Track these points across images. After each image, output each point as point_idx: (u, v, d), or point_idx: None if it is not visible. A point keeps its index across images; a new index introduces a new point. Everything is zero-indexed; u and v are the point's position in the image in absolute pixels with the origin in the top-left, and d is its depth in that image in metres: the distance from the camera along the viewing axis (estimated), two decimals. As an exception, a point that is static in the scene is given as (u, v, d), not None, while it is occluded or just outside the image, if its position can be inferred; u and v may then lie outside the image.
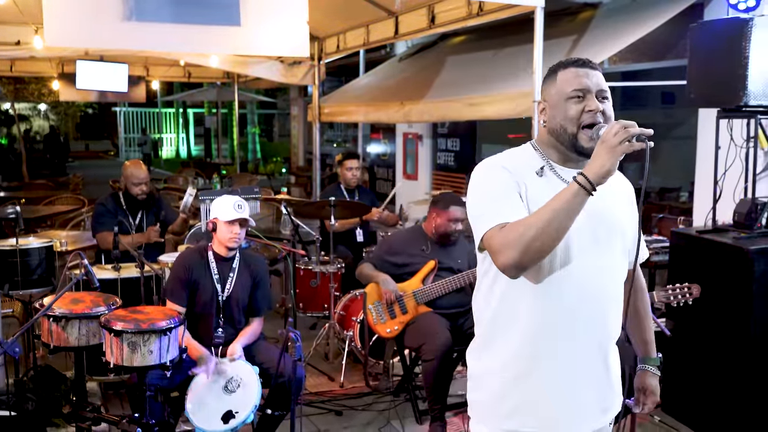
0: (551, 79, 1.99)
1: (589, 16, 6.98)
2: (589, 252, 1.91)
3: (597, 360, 1.99)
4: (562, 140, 1.93)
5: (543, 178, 1.94)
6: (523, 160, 1.99)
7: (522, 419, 1.97)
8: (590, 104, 1.89)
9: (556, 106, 1.93)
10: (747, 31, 3.70)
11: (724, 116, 4.08)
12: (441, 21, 6.71)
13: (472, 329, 4.20)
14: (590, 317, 1.94)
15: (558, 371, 1.94)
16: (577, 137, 1.90)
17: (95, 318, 3.26)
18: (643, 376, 2.26)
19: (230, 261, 3.70)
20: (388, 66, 9.75)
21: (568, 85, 1.92)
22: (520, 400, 1.97)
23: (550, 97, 1.97)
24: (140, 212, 4.97)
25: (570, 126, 1.90)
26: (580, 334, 1.93)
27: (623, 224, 2.02)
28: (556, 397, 1.95)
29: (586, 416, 2.00)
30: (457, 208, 4.27)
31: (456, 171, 9.69)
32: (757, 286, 3.75)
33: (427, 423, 4.13)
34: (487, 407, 2.03)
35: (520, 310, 1.93)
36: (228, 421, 3.28)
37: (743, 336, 3.78)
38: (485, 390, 2.04)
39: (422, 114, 7.33)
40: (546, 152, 2.00)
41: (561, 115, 1.92)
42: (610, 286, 1.98)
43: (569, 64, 1.97)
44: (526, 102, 5.35)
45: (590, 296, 1.93)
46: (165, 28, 4.47)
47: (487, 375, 2.03)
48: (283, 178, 15.90)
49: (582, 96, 1.90)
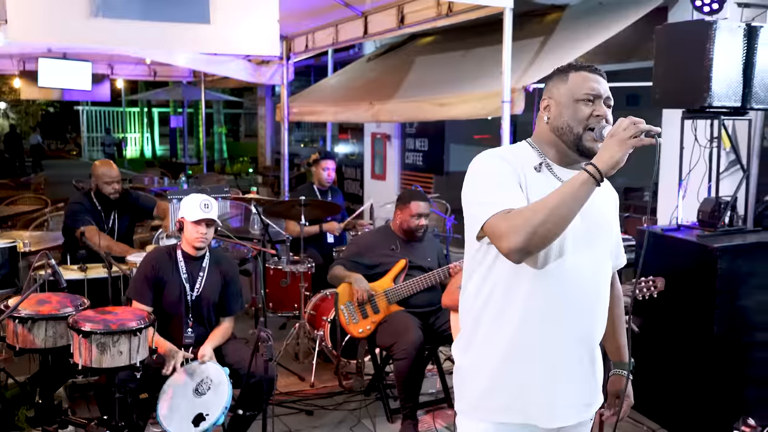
0: (561, 78, 2.03)
1: (556, 18, 7.06)
2: (582, 248, 1.96)
3: (584, 355, 2.04)
4: (566, 139, 1.99)
5: (541, 174, 1.98)
6: (522, 155, 2.03)
7: (510, 411, 2.00)
8: (599, 109, 1.97)
9: (564, 105, 1.99)
10: (711, 34, 3.78)
11: (689, 117, 4.15)
12: (410, 21, 6.72)
13: (443, 327, 4.26)
14: (580, 313, 1.99)
15: (547, 364, 1.97)
16: (582, 137, 1.96)
17: (62, 319, 3.20)
18: (617, 381, 2.31)
19: (200, 260, 3.66)
20: (356, 66, 9.75)
21: (580, 87, 1.98)
22: (510, 393, 1.99)
23: (560, 95, 2.01)
24: (113, 213, 4.91)
25: (577, 126, 1.97)
26: (570, 329, 1.98)
27: (611, 226, 2.12)
28: (545, 389, 1.98)
29: (571, 409, 2.04)
30: (418, 202, 4.29)
31: (424, 171, 9.71)
32: (721, 283, 3.83)
33: (398, 421, 4.14)
34: (475, 400, 2.05)
35: (514, 302, 1.95)
36: (198, 424, 3.24)
37: (707, 332, 3.86)
38: (473, 383, 2.05)
39: (391, 114, 7.34)
40: (544, 150, 2.04)
41: (569, 114, 1.98)
42: (599, 283, 2.05)
43: (582, 68, 2.03)
44: (495, 102, 5.38)
45: (580, 292, 1.98)
46: (132, 25, 4.40)
47: (475, 368, 2.05)
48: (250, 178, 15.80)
49: (592, 100, 1.97)
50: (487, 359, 2.01)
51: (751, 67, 3.90)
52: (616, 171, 1.79)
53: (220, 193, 4.37)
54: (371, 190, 10.67)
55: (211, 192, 4.27)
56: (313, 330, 4.88)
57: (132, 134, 28.30)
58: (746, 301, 3.93)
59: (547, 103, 2.05)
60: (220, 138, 18.97)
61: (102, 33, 4.36)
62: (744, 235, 4.10)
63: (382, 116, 7.48)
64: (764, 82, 3.96)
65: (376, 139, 10.43)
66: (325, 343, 4.74)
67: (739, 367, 3.96)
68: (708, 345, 3.86)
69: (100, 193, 4.84)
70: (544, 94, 2.09)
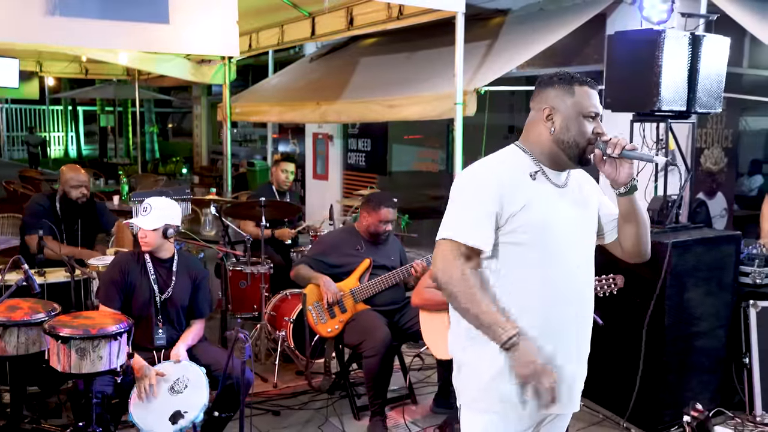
0: (566, 90, 2.10)
1: (500, 22, 7.25)
2: (573, 244, 2.13)
3: (582, 344, 2.19)
4: (570, 152, 2.11)
5: (536, 182, 2.11)
6: (516, 164, 2.14)
7: (513, 401, 2.09)
8: (599, 127, 2.11)
9: (571, 120, 2.09)
10: (660, 42, 4.00)
11: (639, 120, 4.38)
12: (360, 23, 6.79)
13: (407, 324, 4.36)
14: (579, 300, 2.14)
15: (548, 353, 2.08)
16: (585, 151, 2.10)
17: (35, 325, 3.13)
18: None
19: (168, 263, 3.64)
20: (299, 66, 9.74)
21: (586, 104, 2.09)
22: (513, 383, 2.06)
23: (566, 108, 2.09)
24: (77, 219, 4.79)
25: (582, 142, 2.09)
26: (567, 318, 2.11)
27: (591, 212, 2.25)
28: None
29: (573, 393, 2.18)
30: (388, 209, 4.35)
31: (367, 171, 9.78)
32: (671, 278, 4.06)
33: (364, 419, 4.21)
34: (479, 393, 2.13)
35: (513, 297, 2.07)
36: (176, 421, 3.24)
37: (659, 323, 4.09)
38: (477, 377, 2.13)
39: (339, 114, 7.36)
40: (538, 156, 2.14)
41: (576, 129, 2.08)
42: (588, 275, 2.21)
43: (584, 82, 2.12)
44: (447, 104, 5.50)
45: (574, 283, 2.13)
46: (90, 24, 4.32)
47: (477, 362, 2.13)
48: (184, 179, 15.50)
49: (594, 117, 2.10)
50: (488, 353, 2.09)
51: (695, 73, 4.14)
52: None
53: (182, 194, 4.33)
54: (313, 191, 10.68)
55: (173, 194, 4.23)
56: (274, 331, 4.89)
57: (55, 133, 27.23)
58: (692, 294, 4.18)
59: (550, 113, 2.11)
60: (151, 137, 18.53)
61: (59, 32, 4.27)
62: (689, 232, 4.35)
63: (329, 117, 7.50)
64: (706, 88, 4.22)
65: (318, 139, 10.44)
66: (288, 343, 4.76)
67: (686, 355, 4.21)
68: (659, 336, 4.09)
69: (65, 198, 4.74)
70: (542, 102, 2.15)
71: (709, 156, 6.40)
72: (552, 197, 2.12)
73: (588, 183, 2.28)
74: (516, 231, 2.06)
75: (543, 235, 2.07)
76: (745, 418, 4.25)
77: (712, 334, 4.31)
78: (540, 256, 2.07)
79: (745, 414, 4.29)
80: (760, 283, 4.42)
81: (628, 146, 2.06)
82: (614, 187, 2.14)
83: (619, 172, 2.10)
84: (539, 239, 2.07)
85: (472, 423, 2.18)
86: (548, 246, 2.07)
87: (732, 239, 4.37)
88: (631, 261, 2.33)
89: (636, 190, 2.15)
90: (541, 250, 2.07)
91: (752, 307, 4.34)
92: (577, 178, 2.24)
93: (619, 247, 2.29)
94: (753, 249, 4.55)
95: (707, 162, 6.41)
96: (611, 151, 2.06)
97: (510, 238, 2.07)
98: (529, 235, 2.06)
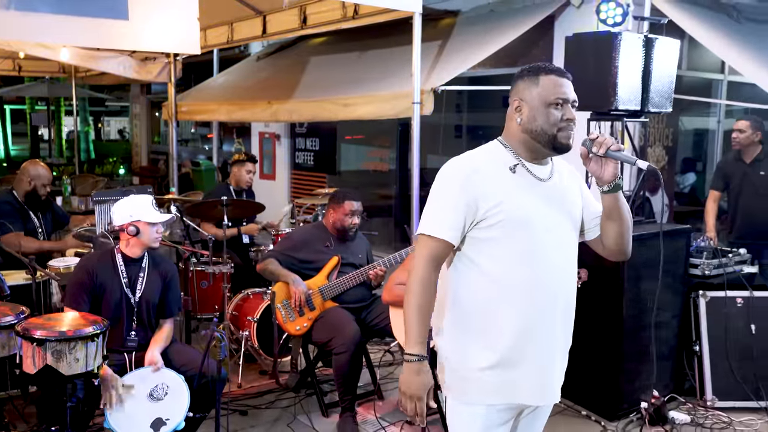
0: (532, 80, 2.16)
1: (451, 23, 7.37)
2: (557, 233, 2.17)
3: (564, 334, 2.23)
4: (541, 140, 2.15)
5: (516, 175, 2.16)
6: (495, 158, 2.18)
7: (500, 393, 2.15)
8: (567, 113, 2.14)
9: (537, 109, 2.13)
10: (616, 44, 4.16)
11: (595, 119, 4.54)
12: (313, 22, 6.78)
13: (374, 321, 4.40)
14: (561, 293, 2.18)
15: (538, 344, 2.14)
16: (557, 137, 2.13)
17: (5, 329, 3.03)
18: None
19: (139, 262, 3.58)
20: (246, 65, 9.65)
21: (551, 92, 2.12)
22: (500, 376, 2.13)
23: (531, 98, 2.14)
24: (38, 213, 4.68)
25: (550, 129, 2.13)
26: (552, 310, 2.16)
27: (573, 207, 2.27)
28: (534, 370, 2.15)
29: (556, 384, 2.24)
30: (351, 201, 4.39)
31: (316, 170, 9.77)
32: (628, 271, 4.23)
33: (333, 416, 4.24)
34: (467, 385, 2.17)
35: (499, 291, 2.12)
36: (159, 428, 3.19)
37: (617, 316, 4.25)
38: (464, 370, 2.17)
39: (291, 113, 7.33)
40: (517, 149, 2.19)
41: (542, 118, 2.12)
42: (569, 262, 2.24)
43: (551, 71, 2.16)
44: (404, 103, 5.56)
45: (560, 275, 2.18)
46: (46, 19, 4.20)
47: (464, 356, 2.17)
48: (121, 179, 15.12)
49: (561, 104, 2.13)
50: (472, 348, 2.15)
51: (648, 74, 4.32)
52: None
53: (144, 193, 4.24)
54: (260, 190, 10.56)
55: (136, 192, 4.15)
56: (237, 331, 4.85)
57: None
58: (646, 285, 4.35)
59: (519, 104, 2.17)
60: (86, 137, 17.95)
61: (13, 26, 4.14)
62: (643, 226, 4.53)
63: (281, 116, 7.46)
64: (658, 88, 4.41)
65: (265, 138, 10.37)
66: (251, 343, 4.73)
67: (643, 344, 4.38)
68: (618, 327, 4.25)
69: (31, 193, 4.63)
70: (513, 95, 2.20)
71: (651, 154, 6.67)
72: (532, 191, 2.16)
73: (574, 179, 2.32)
74: (495, 226, 2.10)
75: (522, 230, 2.11)
76: (697, 403, 4.46)
77: (666, 323, 4.51)
78: (520, 249, 2.10)
79: (696, 399, 4.50)
80: (708, 274, 4.64)
81: (614, 146, 2.12)
82: (599, 184, 2.19)
83: (604, 171, 2.15)
84: (519, 233, 2.10)
85: (459, 414, 2.22)
86: (528, 240, 2.11)
87: (683, 233, 4.59)
88: (613, 259, 2.38)
89: (620, 189, 2.19)
90: (522, 244, 2.10)
91: (702, 297, 4.55)
92: (562, 173, 2.27)
93: (600, 245, 2.33)
94: (701, 242, 4.78)
95: (650, 160, 6.67)
96: (597, 149, 2.12)
97: (489, 232, 2.11)
98: (508, 229, 2.10)
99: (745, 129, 5.31)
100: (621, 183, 2.18)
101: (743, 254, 4.87)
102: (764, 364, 4.46)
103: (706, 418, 4.30)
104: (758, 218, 5.36)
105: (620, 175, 2.18)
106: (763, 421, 4.28)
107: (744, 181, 5.42)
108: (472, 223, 2.12)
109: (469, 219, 2.11)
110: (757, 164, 5.35)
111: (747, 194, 5.42)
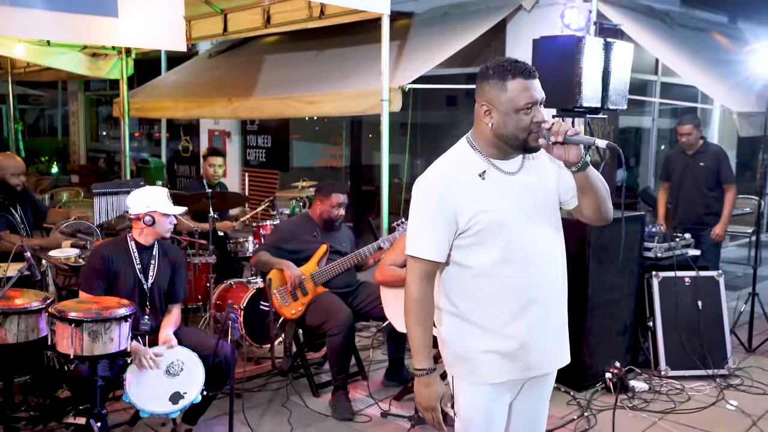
0: (499, 85, 2.15)
1: (405, 24, 7.65)
2: (536, 223, 2.27)
3: (558, 306, 2.40)
4: (511, 143, 2.19)
5: (486, 181, 2.22)
6: (464, 166, 2.24)
7: (504, 372, 2.28)
8: (538, 115, 2.15)
9: (507, 115, 2.15)
10: (581, 47, 4.56)
11: (560, 115, 4.93)
12: (277, 21, 6.94)
13: (360, 306, 4.69)
14: (549, 282, 2.32)
15: (533, 322, 2.28)
16: (527, 140, 2.17)
17: (34, 313, 3.14)
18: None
19: (150, 249, 3.73)
20: (198, 62, 9.69)
21: (520, 98, 2.13)
22: (505, 356, 2.25)
23: (500, 104, 2.15)
24: (17, 205, 4.67)
25: (521, 134, 2.16)
26: (542, 289, 2.30)
27: (548, 189, 2.33)
28: (537, 343, 2.29)
29: (555, 355, 2.42)
30: (338, 194, 4.64)
31: (268, 167, 9.88)
32: (592, 251, 4.64)
33: (324, 395, 4.48)
34: (472, 365, 2.28)
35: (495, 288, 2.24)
36: (177, 401, 3.38)
37: (583, 294, 4.66)
38: (466, 352, 2.28)
39: (252, 111, 7.47)
40: (486, 151, 2.25)
41: (513, 124, 2.15)
42: (549, 251, 2.32)
43: (518, 73, 2.15)
44: (372, 100, 5.81)
45: (546, 264, 2.32)
46: (37, 14, 4.26)
47: (467, 338, 2.28)
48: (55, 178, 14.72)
49: (530, 108, 2.14)
50: (473, 331, 2.26)
51: (607, 74, 4.74)
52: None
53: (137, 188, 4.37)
54: (209, 187, 10.61)
55: (132, 185, 4.28)
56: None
57: None
58: (607, 265, 4.77)
59: (488, 108, 2.18)
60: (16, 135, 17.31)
61: (5, 22, 4.18)
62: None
63: (242, 113, 7.59)
64: (616, 88, 4.83)
65: (214, 135, 10.41)
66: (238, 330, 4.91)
67: (604, 321, 4.81)
68: (582, 304, 4.65)
69: (4, 186, 4.62)
70: (480, 97, 2.22)
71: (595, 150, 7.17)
72: (505, 191, 2.23)
73: (545, 158, 2.33)
74: (477, 233, 2.20)
75: (503, 230, 2.20)
76: (652, 373, 4.92)
77: (623, 301, 4.95)
78: (503, 248, 2.19)
79: (651, 370, 4.96)
80: (660, 257, 5.12)
81: (570, 131, 2.11)
82: (567, 167, 2.20)
83: (568, 154, 2.14)
84: (500, 234, 2.20)
85: (464, 393, 2.32)
86: (510, 238, 2.20)
87: (637, 219, 5.05)
88: (595, 224, 2.50)
89: (588, 166, 2.18)
90: (504, 242, 2.19)
91: (655, 277, 5.02)
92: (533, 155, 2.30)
93: (580, 213, 2.43)
94: (653, 228, 5.26)
95: (595, 155, 7.17)
96: (555, 138, 2.12)
97: (472, 239, 2.21)
98: (489, 234, 2.19)
99: (690, 131, 5.85)
100: (588, 160, 2.18)
101: (688, 238, 5.39)
102: (710, 336, 4.97)
103: (662, 386, 4.75)
104: (698, 205, 5.92)
105: (584, 153, 2.17)
106: (711, 387, 4.78)
107: (685, 171, 5.97)
108: (455, 234, 2.22)
109: (451, 233, 2.21)
110: (698, 156, 5.91)
111: (687, 184, 5.97)
